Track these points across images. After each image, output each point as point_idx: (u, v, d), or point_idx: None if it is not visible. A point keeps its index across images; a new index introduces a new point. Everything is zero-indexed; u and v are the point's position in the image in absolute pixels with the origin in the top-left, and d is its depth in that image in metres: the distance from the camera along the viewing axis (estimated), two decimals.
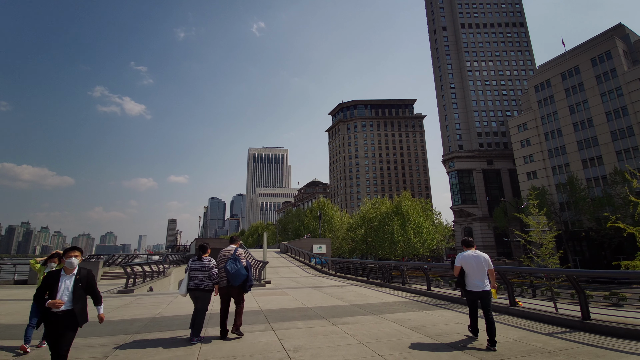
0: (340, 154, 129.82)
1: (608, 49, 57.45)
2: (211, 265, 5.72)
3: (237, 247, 6.15)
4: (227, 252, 5.96)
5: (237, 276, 5.64)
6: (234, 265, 5.68)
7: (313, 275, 19.13)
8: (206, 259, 5.80)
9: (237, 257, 5.82)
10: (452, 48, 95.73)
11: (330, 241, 35.64)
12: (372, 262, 15.49)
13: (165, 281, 17.86)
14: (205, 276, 5.65)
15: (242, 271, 5.72)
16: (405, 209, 43.62)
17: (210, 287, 5.70)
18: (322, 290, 11.86)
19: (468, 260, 5.47)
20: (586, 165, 57.64)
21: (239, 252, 5.95)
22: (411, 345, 5.21)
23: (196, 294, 5.62)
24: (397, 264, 12.44)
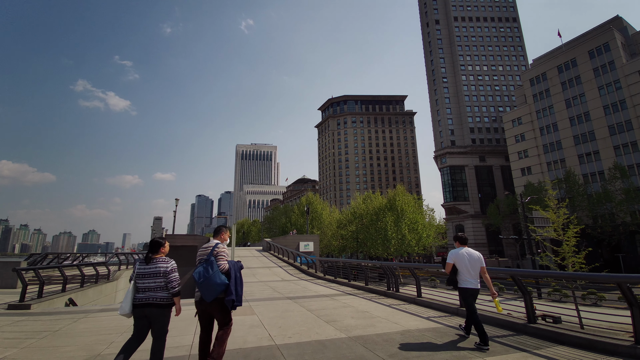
0: (330, 150, 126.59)
1: (606, 40, 55.80)
2: (169, 269, 3.98)
3: (220, 242, 4.33)
4: (203, 250, 4.23)
5: (207, 287, 3.88)
6: (204, 271, 3.94)
7: (297, 278, 15.64)
8: (160, 259, 4.02)
9: (211, 259, 4.03)
10: (445, 42, 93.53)
11: (318, 238, 32.22)
12: (374, 262, 12.04)
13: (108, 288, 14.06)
14: (160, 285, 3.93)
15: (215, 279, 3.90)
16: (399, 204, 40.55)
17: (168, 299, 3.95)
18: (306, 305, 8.37)
19: (461, 257, 5.32)
20: (583, 160, 55.95)
21: (219, 250, 4.16)
22: None
23: (147, 311, 3.87)
24: (409, 266, 9.04)
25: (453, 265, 5.34)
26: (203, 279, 3.85)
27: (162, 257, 4.06)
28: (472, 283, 5.18)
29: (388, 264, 9.70)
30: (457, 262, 5.32)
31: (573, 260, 18.19)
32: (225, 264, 4.03)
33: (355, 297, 9.58)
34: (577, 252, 18.39)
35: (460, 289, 5.32)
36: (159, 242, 4.11)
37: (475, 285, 5.20)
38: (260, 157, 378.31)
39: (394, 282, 9.45)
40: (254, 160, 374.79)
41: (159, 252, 4.06)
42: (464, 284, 5.23)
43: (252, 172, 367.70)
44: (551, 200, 19.61)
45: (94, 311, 8.36)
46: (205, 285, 3.83)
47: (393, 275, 9.55)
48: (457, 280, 5.30)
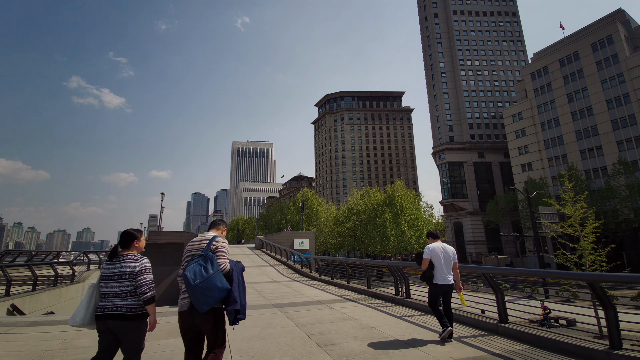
0: (327, 147, 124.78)
1: (609, 33, 54.44)
2: (137, 269, 3.03)
3: (218, 235, 3.29)
4: (196, 244, 3.16)
5: (204, 292, 2.83)
6: (202, 271, 2.89)
7: (289, 279, 13.89)
8: (129, 257, 3.08)
9: (210, 255, 3.00)
10: (443, 36, 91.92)
11: (314, 235, 30.51)
12: (378, 262, 10.26)
13: (71, 291, 12.21)
14: (126, 290, 3.00)
15: (215, 282, 2.87)
16: (398, 200, 38.88)
17: (138, 309, 2.99)
18: (295, 316, 6.60)
19: (436, 252, 5.18)
20: (585, 156, 54.67)
21: (218, 244, 3.14)
22: None
23: (110, 324, 2.93)
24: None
25: (430, 260, 5.19)
26: (200, 281, 2.86)
27: (131, 254, 3.15)
28: (448, 279, 5.11)
29: (396, 263, 7.95)
30: (433, 258, 5.18)
31: (592, 258, 16.60)
32: (227, 264, 3.12)
33: (356, 304, 7.85)
34: (595, 249, 16.80)
35: (435, 285, 5.16)
36: (132, 234, 3.22)
37: (450, 281, 5.13)
38: (256, 154, 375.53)
39: (405, 285, 7.71)
40: (250, 158, 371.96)
41: (130, 247, 3.19)
42: (439, 280, 5.11)
43: (248, 170, 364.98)
44: (567, 193, 17.97)
45: (23, 324, 6.52)
46: (203, 289, 2.85)
47: (403, 276, 7.82)
48: (433, 276, 5.15)
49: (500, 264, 62.77)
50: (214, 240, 3.19)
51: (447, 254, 5.19)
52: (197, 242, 3.22)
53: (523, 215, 56.13)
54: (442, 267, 5.11)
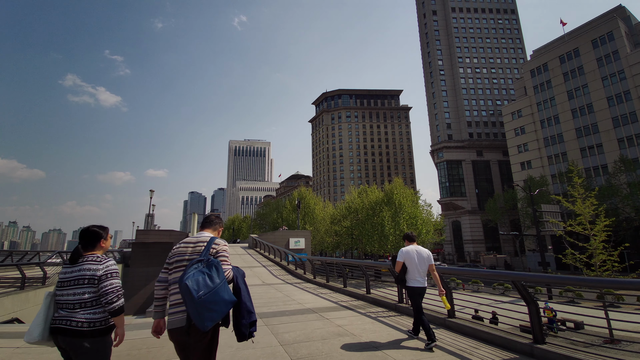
0: (324, 145, 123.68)
1: (610, 29, 53.78)
2: (99, 273, 2.55)
3: (216, 236, 2.86)
4: (190, 246, 2.71)
5: (210, 305, 2.39)
6: (206, 279, 2.45)
7: (281, 281, 12.85)
8: (90, 258, 2.61)
9: (214, 260, 2.58)
10: (442, 33, 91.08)
11: (310, 234, 29.48)
12: (378, 263, 9.17)
13: (39, 296, 11.11)
14: (82, 299, 2.50)
15: (222, 294, 2.46)
16: (397, 198, 37.88)
17: (94, 323, 2.46)
18: (281, 330, 5.52)
19: (410, 255, 5.15)
20: (585, 154, 54.02)
21: (219, 248, 2.71)
22: None
23: (60, 341, 2.47)
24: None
25: (403, 263, 5.16)
26: (205, 292, 2.35)
27: (93, 255, 2.62)
28: (420, 282, 5.08)
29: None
30: (406, 261, 5.16)
31: (602, 257, 15.68)
32: (231, 271, 2.68)
33: (354, 312, 6.82)
34: (606, 248, 15.89)
35: (408, 288, 5.15)
36: (95, 232, 2.72)
37: (422, 283, 5.10)
38: (253, 153, 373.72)
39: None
40: (247, 157, 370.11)
41: (95, 247, 2.70)
42: (411, 283, 5.09)
43: (246, 169, 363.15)
44: (576, 189, 17.02)
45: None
46: (208, 302, 2.34)
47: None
48: (406, 279, 5.12)
49: (499, 263, 62.09)
50: (213, 242, 2.71)
51: (421, 257, 5.15)
52: (191, 244, 2.71)
53: (522, 213, 55.44)
54: (415, 270, 5.07)
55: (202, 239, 2.75)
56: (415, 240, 5.44)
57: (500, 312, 7.77)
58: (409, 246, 5.31)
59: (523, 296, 4.22)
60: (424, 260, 5.15)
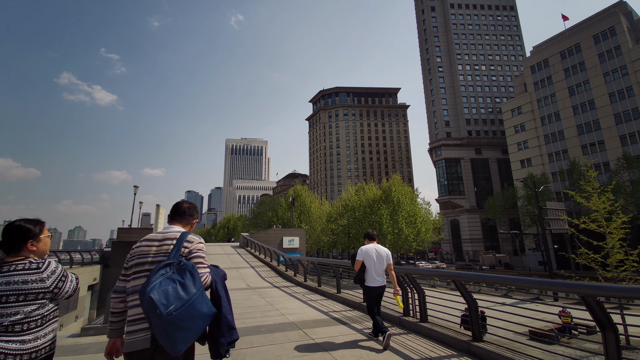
0: (321, 143, 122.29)
1: (612, 24, 52.77)
2: (49, 284, 2.00)
3: (187, 230, 2.34)
4: (155, 245, 2.13)
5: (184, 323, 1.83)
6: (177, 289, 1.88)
7: (268, 284, 11.46)
8: (20, 265, 1.97)
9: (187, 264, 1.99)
10: (440, 30, 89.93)
11: (305, 233, 28.11)
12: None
13: None
14: (9, 321, 1.87)
15: (200, 307, 1.90)
16: (395, 195, 36.57)
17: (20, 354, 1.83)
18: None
19: (370, 254, 5.07)
20: (587, 151, 52.99)
21: (194, 247, 2.15)
22: None
23: None
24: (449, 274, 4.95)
25: (362, 262, 5.04)
26: (177, 307, 1.81)
27: (23, 262, 1.97)
28: (379, 281, 4.98)
29: (406, 270, 5.59)
30: (365, 259, 5.05)
31: (619, 257, 14.41)
32: (208, 275, 2.10)
33: (348, 328, 5.44)
34: (623, 247, 14.64)
35: (366, 287, 5.01)
36: (21, 229, 2.03)
37: (381, 283, 5.01)
38: (250, 152, 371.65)
39: (419, 301, 5.32)
40: (244, 155, 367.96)
41: (22, 250, 2.02)
42: (370, 282, 4.97)
43: (242, 167, 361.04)
44: (589, 184, 15.76)
45: None
46: (181, 319, 1.81)
47: (415, 288, 5.43)
48: (365, 279, 4.99)
49: (499, 263, 61.04)
50: (185, 239, 2.13)
51: (380, 256, 5.08)
52: (156, 242, 2.11)
53: (523, 212, 54.39)
54: (374, 270, 4.99)
55: (170, 235, 2.16)
56: (375, 239, 5.35)
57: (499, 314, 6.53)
58: (368, 245, 5.19)
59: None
60: (382, 259, 5.07)
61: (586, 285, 2.70)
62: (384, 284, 5.07)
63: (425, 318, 5.09)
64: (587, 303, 2.75)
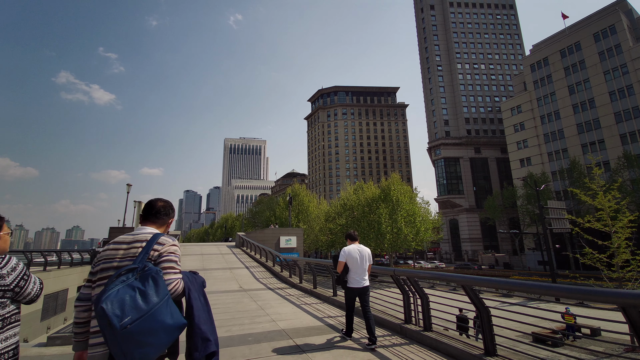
0: (320, 143, 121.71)
1: (612, 23, 52.43)
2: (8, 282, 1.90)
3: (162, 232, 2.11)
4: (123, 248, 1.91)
5: (142, 337, 1.58)
6: (136, 298, 1.63)
7: (261, 287, 10.94)
8: None
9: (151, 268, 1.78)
10: (439, 28, 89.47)
11: (302, 232, 27.60)
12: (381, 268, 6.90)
13: None
14: None
15: (162, 317, 1.64)
16: (394, 194, 36.09)
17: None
18: None
19: (353, 255, 4.95)
20: (587, 150, 52.65)
21: (165, 249, 1.91)
22: None
23: None
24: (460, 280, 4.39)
25: (345, 263, 4.92)
26: (134, 319, 1.58)
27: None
28: (362, 282, 4.89)
29: (407, 272, 5.08)
30: (349, 261, 4.92)
31: (625, 257, 13.95)
32: (179, 281, 1.88)
33: (344, 339, 4.95)
34: (629, 246, 14.18)
35: (349, 289, 4.90)
36: None
37: (364, 284, 4.91)
38: (249, 151, 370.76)
39: (422, 307, 4.81)
40: (242, 155, 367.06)
41: None
42: (353, 284, 4.87)
43: (241, 167, 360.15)
44: (594, 182, 15.28)
45: None
46: (139, 333, 1.58)
47: (418, 293, 4.91)
48: (347, 280, 4.90)
49: (499, 262, 60.70)
50: (156, 241, 1.92)
51: (362, 257, 4.97)
52: (124, 245, 1.91)
53: (522, 211, 54.04)
54: (358, 271, 4.89)
55: (140, 237, 1.94)
56: (357, 239, 5.24)
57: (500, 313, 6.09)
58: (351, 245, 5.06)
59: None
60: (365, 259, 4.96)
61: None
62: (368, 285, 4.93)
63: (429, 326, 4.56)
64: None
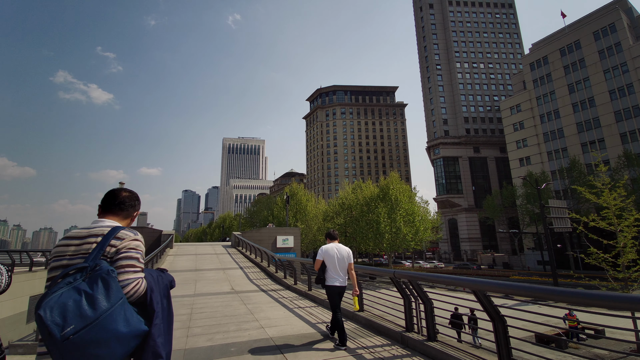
0: (318, 142, 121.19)
1: (612, 21, 52.13)
2: None
3: (124, 225, 1.80)
4: (74, 244, 1.63)
5: (88, 348, 1.34)
6: (81, 303, 1.37)
7: (254, 289, 10.44)
8: None
9: (104, 267, 1.50)
10: (438, 27, 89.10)
11: (299, 231, 27.11)
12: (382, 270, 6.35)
13: None
14: None
15: (114, 325, 1.38)
16: (393, 193, 35.63)
17: None
18: None
19: (330, 253, 4.99)
20: (587, 149, 52.32)
21: (125, 244, 1.63)
22: None
23: None
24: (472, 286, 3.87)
25: (322, 262, 4.97)
26: (78, 327, 1.34)
27: None
28: (340, 281, 4.90)
29: (409, 274, 4.56)
30: (326, 259, 4.96)
31: (631, 257, 13.52)
32: (140, 281, 1.61)
33: (339, 351, 4.45)
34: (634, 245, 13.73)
35: (327, 287, 4.92)
36: None
37: (342, 282, 4.92)
38: (247, 150, 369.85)
39: (425, 312, 4.31)
40: (241, 154, 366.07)
41: None
42: (331, 282, 4.89)
43: (239, 167, 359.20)
44: (600, 179, 14.85)
45: None
46: (85, 344, 1.34)
47: (421, 299, 4.41)
48: (325, 278, 4.94)
49: (497, 262, 60.38)
50: (114, 235, 1.64)
51: (341, 256, 4.99)
52: (76, 241, 1.64)
53: (522, 210, 53.67)
54: (335, 269, 4.91)
55: (95, 231, 1.67)
56: (336, 239, 5.24)
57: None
58: (329, 244, 5.10)
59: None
60: (343, 259, 4.97)
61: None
62: (345, 285, 4.91)
63: (434, 336, 4.07)
64: None
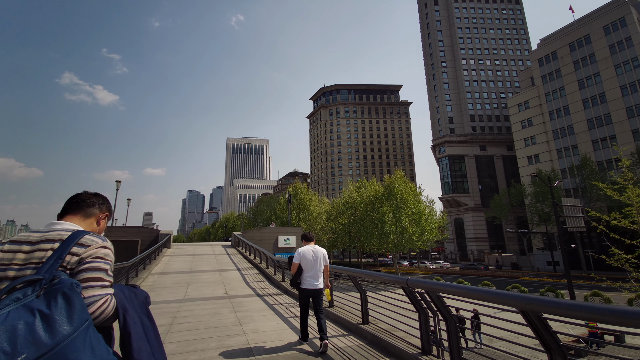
0: (322, 141, 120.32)
1: (622, 15, 50.66)
2: None
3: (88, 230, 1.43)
4: (24, 250, 1.30)
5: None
6: (31, 327, 1.06)
7: (249, 293, 9.66)
8: None
9: (63, 281, 1.18)
10: (443, 23, 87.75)
11: (302, 231, 26.27)
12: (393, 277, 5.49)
13: None
14: None
15: (74, 354, 1.07)
16: (398, 192, 34.67)
17: None
18: None
19: (307, 256, 4.87)
20: (598, 146, 50.88)
21: (85, 253, 1.29)
22: None
23: None
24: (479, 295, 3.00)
25: (299, 265, 4.85)
26: (28, 357, 1.04)
27: None
28: (315, 284, 4.80)
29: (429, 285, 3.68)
30: (303, 262, 4.84)
31: None
32: (108, 299, 1.27)
33: None
34: None
35: (302, 290, 4.82)
36: None
37: (318, 286, 4.81)
38: (251, 150, 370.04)
39: (450, 334, 3.46)
40: (245, 154, 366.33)
41: None
42: (306, 285, 4.78)
43: (243, 166, 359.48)
44: (624, 174, 13.86)
45: None
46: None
47: (443, 313, 3.56)
48: (301, 281, 4.83)
49: (505, 262, 59.09)
50: (76, 241, 1.33)
51: (317, 258, 4.87)
52: (26, 246, 1.32)
53: (530, 210, 52.36)
54: (311, 272, 4.80)
55: (51, 235, 1.35)
56: (313, 240, 5.15)
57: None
58: (305, 246, 5.01)
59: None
60: (319, 260, 4.89)
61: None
62: (322, 287, 4.82)
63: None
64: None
